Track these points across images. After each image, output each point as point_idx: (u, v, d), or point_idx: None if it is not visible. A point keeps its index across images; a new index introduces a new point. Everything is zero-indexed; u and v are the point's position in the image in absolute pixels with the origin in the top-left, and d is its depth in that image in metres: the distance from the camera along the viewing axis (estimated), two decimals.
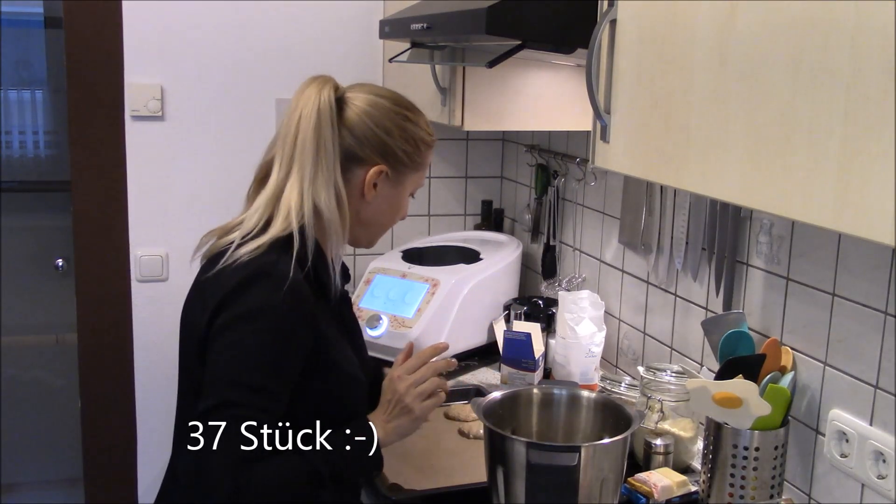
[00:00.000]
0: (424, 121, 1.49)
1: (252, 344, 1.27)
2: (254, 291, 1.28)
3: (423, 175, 1.51)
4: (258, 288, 1.28)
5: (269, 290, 1.28)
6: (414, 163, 1.46)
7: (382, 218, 1.49)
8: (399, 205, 1.50)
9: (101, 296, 2.45)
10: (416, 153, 1.46)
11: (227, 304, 1.29)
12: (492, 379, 2.12)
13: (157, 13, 2.37)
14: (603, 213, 2.15)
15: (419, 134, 1.46)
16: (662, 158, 1.20)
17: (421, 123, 1.47)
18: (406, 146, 1.44)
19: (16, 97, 3.71)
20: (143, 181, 2.44)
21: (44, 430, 3.49)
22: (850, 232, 0.89)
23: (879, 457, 1.32)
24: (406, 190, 1.49)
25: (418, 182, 1.50)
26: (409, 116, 1.46)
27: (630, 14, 1.27)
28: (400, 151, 1.44)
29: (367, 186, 1.43)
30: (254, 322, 1.27)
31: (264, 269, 1.30)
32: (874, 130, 0.85)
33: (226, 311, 1.29)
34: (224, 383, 1.26)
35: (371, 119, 1.42)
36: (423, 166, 1.49)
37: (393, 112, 1.44)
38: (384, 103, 1.44)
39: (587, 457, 1.33)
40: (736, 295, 1.66)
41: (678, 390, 1.65)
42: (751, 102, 1.02)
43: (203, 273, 1.40)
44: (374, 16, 2.43)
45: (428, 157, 1.49)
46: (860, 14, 0.87)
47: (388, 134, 1.42)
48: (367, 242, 1.52)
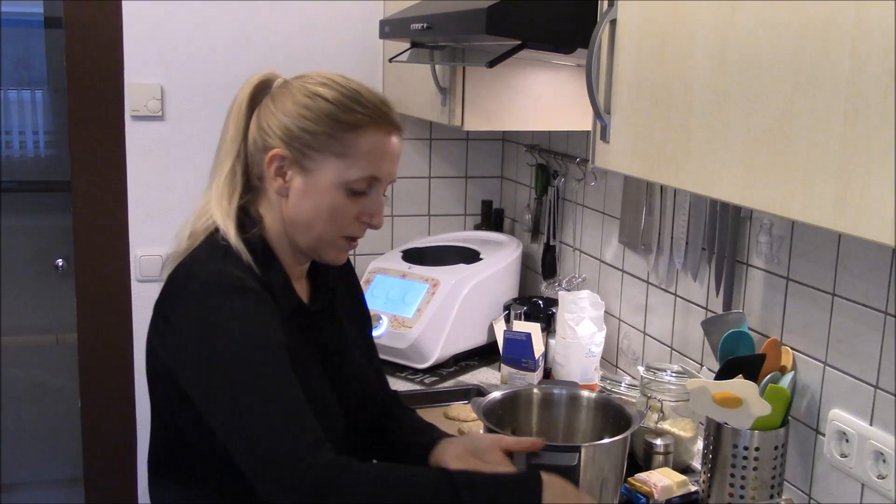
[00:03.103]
0: (352, 98, 1.26)
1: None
2: (212, 302, 1.20)
3: (358, 164, 1.25)
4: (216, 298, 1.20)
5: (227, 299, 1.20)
6: (325, 145, 1.24)
7: (305, 215, 1.26)
8: (324, 199, 1.25)
9: (101, 296, 2.45)
10: (327, 134, 1.24)
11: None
12: (492, 379, 2.12)
13: (157, 13, 2.37)
14: (603, 213, 2.15)
15: (329, 110, 1.24)
16: (662, 158, 1.20)
17: (338, 100, 1.25)
18: (308, 124, 1.24)
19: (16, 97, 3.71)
20: (143, 181, 2.44)
21: (44, 430, 3.48)
22: (850, 232, 0.89)
23: (879, 457, 1.32)
24: (325, 179, 1.25)
25: (347, 172, 1.24)
26: (320, 92, 1.25)
27: (630, 14, 1.27)
28: (300, 131, 1.24)
29: (272, 177, 1.26)
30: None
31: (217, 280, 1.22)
32: (874, 130, 0.85)
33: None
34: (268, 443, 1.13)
35: (275, 101, 1.27)
36: (347, 152, 1.24)
37: (297, 89, 1.26)
38: (297, 83, 1.28)
39: (587, 457, 1.33)
40: (736, 295, 1.66)
41: (678, 390, 1.65)
42: (751, 102, 1.02)
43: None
44: (374, 16, 2.43)
45: (354, 141, 1.24)
46: (860, 14, 0.87)
47: (285, 113, 1.25)
48: (308, 249, 1.30)
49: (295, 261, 1.33)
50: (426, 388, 2.07)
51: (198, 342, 1.19)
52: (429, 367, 2.14)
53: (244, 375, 1.16)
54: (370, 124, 1.26)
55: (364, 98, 1.27)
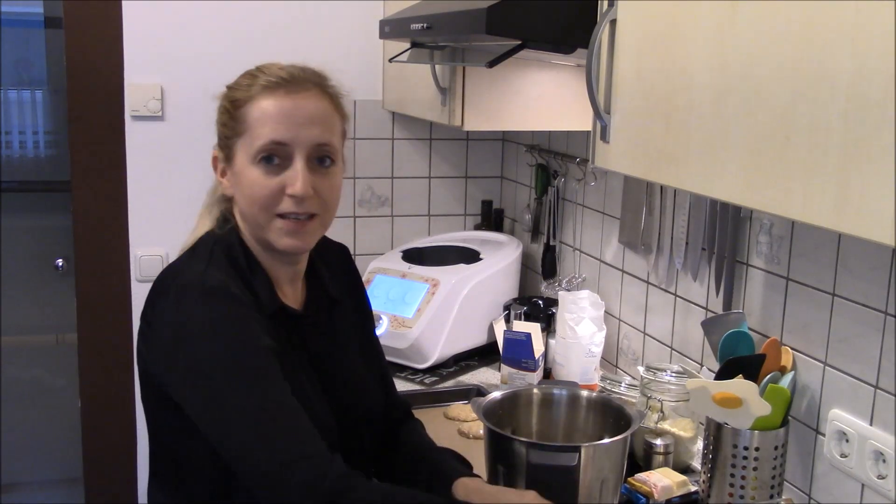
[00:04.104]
0: (249, 74, 1.29)
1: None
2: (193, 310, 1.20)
3: (257, 133, 1.23)
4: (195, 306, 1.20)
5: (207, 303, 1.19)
6: (233, 130, 1.25)
7: (243, 203, 1.27)
8: (245, 180, 1.24)
9: (101, 296, 2.45)
10: (231, 119, 1.26)
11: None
12: (492, 379, 2.12)
13: (157, 13, 2.37)
14: (603, 213, 2.15)
15: (228, 97, 1.28)
16: (662, 158, 1.20)
17: (234, 84, 1.29)
18: (221, 117, 1.28)
19: (16, 97, 3.71)
20: (143, 181, 2.44)
21: (44, 430, 3.49)
22: (850, 232, 0.89)
23: (879, 457, 1.32)
24: (240, 161, 1.25)
25: (251, 145, 1.23)
26: (230, 84, 1.30)
27: (630, 14, 1.26)
28: (219, 126, 1.29)
29: (219, 178, 1.31)
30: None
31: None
32: (874, 130, 0.85)
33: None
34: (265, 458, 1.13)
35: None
36: (243, 127, 1.24)
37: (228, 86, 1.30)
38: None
39: (587, 457, 1.33)
40: (736, 295, 1.66)
41: (678, 390, 1.64)
42: (751, 102, 1.02)
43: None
44: (374, 16, 2.43)
45: (245, 115, 1.24)
46: (860, 14, 0.87)
47: (217, 115, 1.30)
48: (261, 241, 1.28)
49: (274, 260, 1.30)
50: (426, 388, 2.07)
51: (176, 347, 1.18)
52: (429, 367, 2.14)
53: (228, 381, 1.15)
54: (260, 92, 1.24)
55: (258, 72, 1.28)
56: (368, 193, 2.63)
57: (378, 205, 2.65)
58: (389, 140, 2.62)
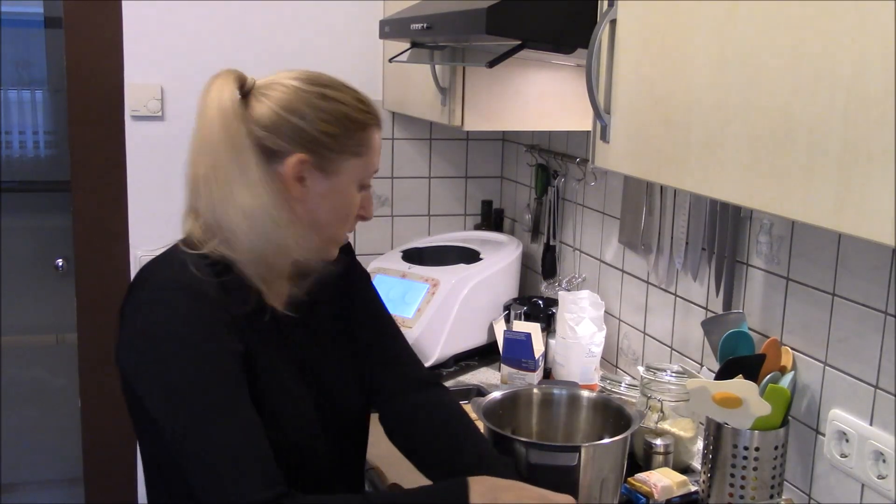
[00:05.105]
0: (355, 97, 1.28)
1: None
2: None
3: (370, 161, 1.28)
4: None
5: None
6: (345, 146, 1.25)
7: (324, 216, 1.27)
8: (343, 199, 1.27)
9: (101, 296, 2.45)
10: (345, 135, 1.25)
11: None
12: (492, 379, 2.12)
13: (157, 13, 2.37)
14: (603, 213, 2.15)
15: (344, 111, 1.25)
16: (662, 158, 1.20)
17: (347, 100, 1.26)
18: (328, 127, 1.23)
19: (16, 97, 3.71)
20: (143, 181, 2.44)
21: (44, 430, 3.48)
22: (850, 232, 0.89)
23: (879, 457, 1.32)
24: (346, 180, 1.26)
25: (365, 170, 1.28)
26: (328, 94, 1.25)
27: (630, 14, 1.27)
28: (320, 134, 1.23)
29: (291, 182, 1.23)
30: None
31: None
32: (874, 130, 0.85)
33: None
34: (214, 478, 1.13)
35: (279, 104, 1.23)
36: (362, 150, 1.27)
37: (304, 91, 1.24)
38: (294, 84, 1.25)
39: (587, 457, 1.33)
40: (736, 295, 1.66)
41: (678, 390, 1.65)
42: (751, 102, 1.02)
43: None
44: (374, 16, 2.43)
45: (367, 139, 1.27)
46: (860, 14, 0.87)
47: (301, 118, 1.23)
48: (318, 251, 1.30)
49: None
50: None
51: (143, 347, 1.19)
52: (429, 368, 2.14)
53: (186, 394, 1.15)
54: (375, 122, 1.29)
55: (363, 96, 1.30)
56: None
57: (378, 205, 2.65)
58: (389, 140, 2.62)
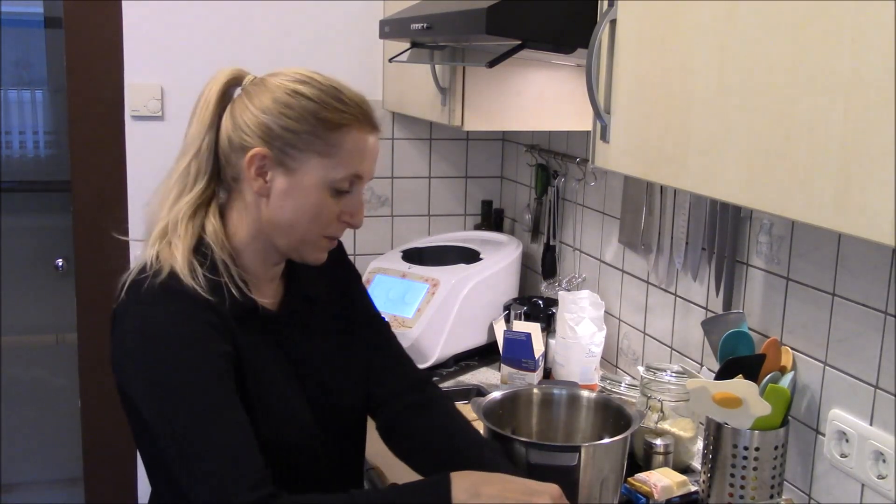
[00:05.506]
0: (335, 97, 1.23)
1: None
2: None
3: (344, 163, 1.22)
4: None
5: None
6: (309, 144, 1.20)
7: (288, 216, 1.23)
8: (308, 200, 1.22)
9: (101, 296, 2.44)
10: (310, 133, 1.20)
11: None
12: (492, 379, 2.12)
13: (157, 13, 2.37)
14: (603, 213, 2.15)
15: (312, 108, 1.20)
16: (662, 158, 1.20)
17: (320, 98, 1.21)
18: (290, 123, 1.20)
19: (16, 97, 3.71)
20: (143, 181, 2.44)
21: (44, 430, 3.48)
22: (850, 232, 0.89)
23: (879, 457, 1.32)
24: (310, 179, 1.21)
25: (334, 171, 1.22)
26: (301, 90, 1.21)
27: (630, 14, 1.27)
28: (281, 130, 1.20)
29: (249, 177, 1.22)
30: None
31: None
32: (874, 130, 0.85)
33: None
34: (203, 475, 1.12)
35: (251, 99, 1.22)
36: (332, 151, 1.21)
37: (279, 87, 1.22)
38: (277, 81, 1.23)
39: (587, 457, 1.33)
40: (736, 295, 1.66)
41: (678, 390, 1.64)
42: (751, 102, 1.02)
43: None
44: (374, 16, 2.43)
45: (338, 140, 1.21)
46: (860, 14, 0.87)
47: (265, 112, 1.20)
48: (289, 249, 1.27)
49: (266, 263, 1.29)
50: None
51: (132, 347, 1.21)
52: (429, 367, 2.14)
53: (173, 396, 1.15)
54: (353, 122, 1.22)
55: (345, 96, 1.24)
56: (368, 193, 2.63)
57: (378, 205, 2.65)
58: (389, 140, 2.62)
